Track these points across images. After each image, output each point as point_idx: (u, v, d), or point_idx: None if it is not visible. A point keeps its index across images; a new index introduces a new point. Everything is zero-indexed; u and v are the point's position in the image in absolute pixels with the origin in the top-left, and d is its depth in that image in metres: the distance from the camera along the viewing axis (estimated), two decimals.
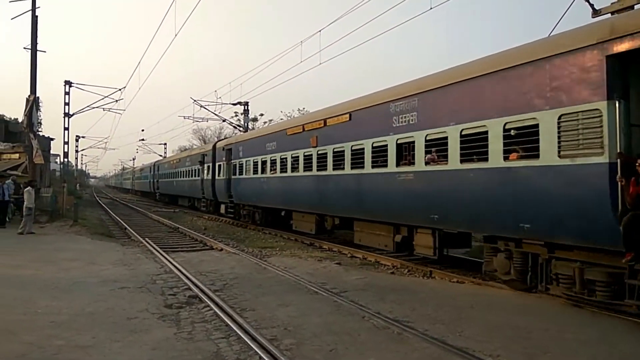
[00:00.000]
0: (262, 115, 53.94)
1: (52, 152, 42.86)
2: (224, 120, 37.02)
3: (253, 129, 36.58)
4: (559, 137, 7.56)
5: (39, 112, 30.25)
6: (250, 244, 16.27)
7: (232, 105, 34.27)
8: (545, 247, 8.22)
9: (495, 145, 8.68)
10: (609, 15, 8.44)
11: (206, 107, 33.58)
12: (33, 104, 22.18)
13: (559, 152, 7.54)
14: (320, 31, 18.98)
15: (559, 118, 7.56)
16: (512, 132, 8.45)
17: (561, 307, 7.93)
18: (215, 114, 34.79)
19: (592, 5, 9.17)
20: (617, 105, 6.88)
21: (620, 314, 7.30)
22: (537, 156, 7.92)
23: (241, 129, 35.20)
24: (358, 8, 17.12)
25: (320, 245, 15.64)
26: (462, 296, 8.71)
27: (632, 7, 8.13)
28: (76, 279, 9.59)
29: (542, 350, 5.83)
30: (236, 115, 45.08)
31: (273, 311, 7.36)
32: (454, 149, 9.59)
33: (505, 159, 8.53)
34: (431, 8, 12.96)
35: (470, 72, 9.54)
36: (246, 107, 34.30)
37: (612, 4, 8.74)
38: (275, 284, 9.46)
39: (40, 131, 35.12)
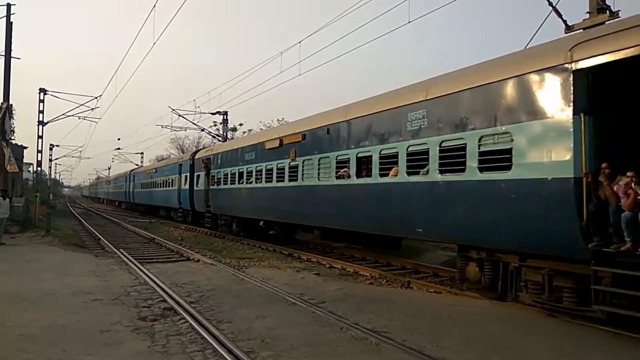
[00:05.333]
0: (241, 125, 53.70)
1: (24, 160, 41.95)
2: (202, 130, 36.81)
3: (232, 138, 36.45)
4: None
5: (12, 119, 29.60)
6: (228, 254, 16.09)
7: (211, 115, 34.08)
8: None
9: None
10: (581, 30, 8.68)
11: (184, 116, 33.38)
12: (6, 111, 21.70)
13: None
14: (300, 42, 19.43)
15: None
16: None
17: (537, 317, 8.02)
18: (194, 124, 34.59)
19: (565, 22, 9.42)
20: None
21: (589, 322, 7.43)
22: None
23: (220, 138, 35.02)
24: (338, 20, 17.39)
25: (299, 256, 15.57)
26: (439, 306, 8.75)
27: (602, 23, 8.38)
28: (47, 291, 9.33)
29: None
30: (215, 125, 44.82)
31: (250, 323, 7.27)
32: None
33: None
34: (409, 22, 13.27)
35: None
36: (225, 116, 34.16)
37: (584, 20, 9.00)
38: (253, 295, 9.36)
39: (13, 139, 34.32)
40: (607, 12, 8.67)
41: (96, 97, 30.07)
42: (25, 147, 39.05)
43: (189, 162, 27.72)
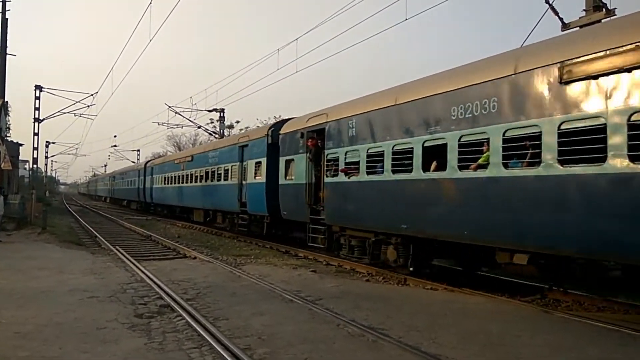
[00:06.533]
0: (238, 122, 53.72)
1: (20, 158, 41.82)
2: (199, 127, 36.76)
3: (229, 135, 36.44)
4: None
5: (7, 117, 29.53)
6: (225, 252, 16.09)
7: (207, 112, 34.08)
8: None
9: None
10: (578, 28, 8.70)
11: (181, 113, 33.32)
12: (1, 108, 21.64)
13: None
14: (297, 39, 19.37)
15: None
16: None
17: (533, 313, 8.06)
18: (191, 121, 34.58)
19: (561, 19, 9.45)
20: None
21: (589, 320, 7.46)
22: None
23: (217, 135, 34.99)
24: (334, 17, 17.37)
25: (296, 253, 15.57)
26: (436, 303, 8.77)
27: (599, 21, 8.41)
28: (43, 288, 9.30)
29: (514, 356, 5.91)
30: (212, 122, 44.77)
31: (247, 320, 7.27)
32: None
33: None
34: (406, 19, 13.25)
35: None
36: (222, 114, 34.12)
37: (580, 17, 9.03)
38: (249, 292, 9.36)
39: (9, 136, 34.25)
40: (604, 9, 8.70)
41: (92, 94, 30.10)
42: (21, 144, 38.99)
43: (264, 141, 17.98)
